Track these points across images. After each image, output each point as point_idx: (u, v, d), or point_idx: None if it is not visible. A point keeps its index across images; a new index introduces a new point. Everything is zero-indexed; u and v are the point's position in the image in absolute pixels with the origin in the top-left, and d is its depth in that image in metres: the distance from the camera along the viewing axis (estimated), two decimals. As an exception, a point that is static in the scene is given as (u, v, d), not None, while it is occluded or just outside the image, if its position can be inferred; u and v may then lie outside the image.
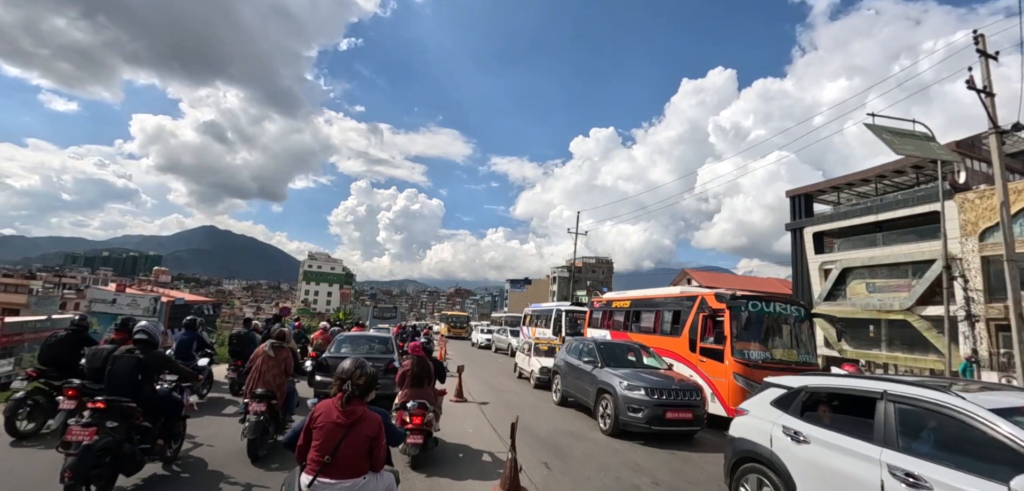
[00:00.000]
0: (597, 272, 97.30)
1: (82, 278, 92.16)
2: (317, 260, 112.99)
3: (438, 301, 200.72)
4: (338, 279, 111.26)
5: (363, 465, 3.10)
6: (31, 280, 61.42)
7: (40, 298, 54.57)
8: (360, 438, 3.07)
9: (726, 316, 9.90)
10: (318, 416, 3.14)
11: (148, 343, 4.95)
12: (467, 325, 44.26)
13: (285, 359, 6.47)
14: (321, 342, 12.49)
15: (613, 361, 9.70)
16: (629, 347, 10.72)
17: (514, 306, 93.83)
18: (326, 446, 3.02)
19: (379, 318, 42.26)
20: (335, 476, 3.00)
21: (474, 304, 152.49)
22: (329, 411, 3.13)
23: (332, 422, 3.06)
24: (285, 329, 7.65)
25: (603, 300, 17.04)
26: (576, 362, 10.61)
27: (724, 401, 9.41)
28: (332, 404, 3.16)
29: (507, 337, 27.66)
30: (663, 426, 8.05)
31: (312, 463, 3.04)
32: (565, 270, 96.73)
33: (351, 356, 4.55)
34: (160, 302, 16.82)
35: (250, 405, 5.85)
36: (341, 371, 3.20)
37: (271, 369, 6.21)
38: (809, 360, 10.19)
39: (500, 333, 29.86)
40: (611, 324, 15.47)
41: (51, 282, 72.99)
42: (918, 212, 26.58)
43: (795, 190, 36.59)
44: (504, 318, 40.69)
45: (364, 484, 3.08)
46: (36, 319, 11.27)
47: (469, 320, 48.38)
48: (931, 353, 24.29)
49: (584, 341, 11.49)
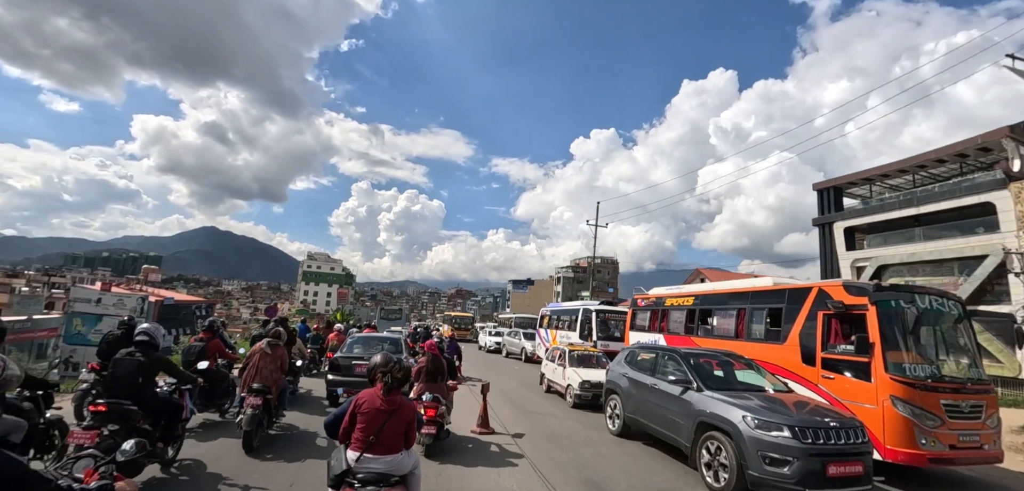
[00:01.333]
0: (602, 272, 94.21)
1: (72, 278, 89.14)
2: (316, 260, 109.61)
3: (439, 302, 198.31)
4: (338, 279, 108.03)
5: (400, 444, 3.60)
6: (14, 279, 58.77)
7: (24, 298, 52.65)
8: (400, 422, 3.60)
9: (871, 315, 6.93)
10: (363, 403, 3.61)
11: (149, 345, 4.94)
12: (472, 326, 41.15)
13: (281, 356, 6.79)
14: (337, 343, 12.50)
15: (712, 381, 6.75)
16: (715, 357, 7.69)
17: (516, 307, 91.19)
18: (371, 428, 3.51)
19: (386, 319, 41.96)
20: (379, 452, 3.50)
21: (475, 305, 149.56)
22: (373, 399, 3.62)
23: (376, 408, 3.57)
24: (293, 328, 8.51)
25: (651, 297, 13.83)
26: (647, 380, 7.74)
27: (876, 438, 6.45)
28: (375, 393, 3.66)
29: (519, 340, 24.76)
30: (824, 488, 5.11)
31: (357, 442, 3.52)
32: (569, 270, 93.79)
33: (368, 356, 6.30)
34: (148, 302, 15.94)
35: (247, 399, 6.16)
36: (378, 364, 3.72)
37: (268, 365, 6.51)
38: (982, 378, 7.23)
39: (512, 336, 26.64)
40: (665, 327, 12.44)
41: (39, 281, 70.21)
42: (965, 204, 24.31)
43: (823, 183, 33.90)
44: (514, 319, 37.70)
45: (401, 460, 3.58)
46: (16, 319, 10.90)
47: (474, 321, 45.53)
48: (984, 358, 21.60)
49: (660, 350, 8.52)
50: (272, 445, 6.49)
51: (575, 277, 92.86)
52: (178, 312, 21.31)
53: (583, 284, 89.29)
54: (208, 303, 27.69)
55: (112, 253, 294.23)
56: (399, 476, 3.55)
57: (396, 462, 3.53)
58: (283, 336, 7.22)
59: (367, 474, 3.45)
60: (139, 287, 25.66)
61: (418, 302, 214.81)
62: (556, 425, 9.06)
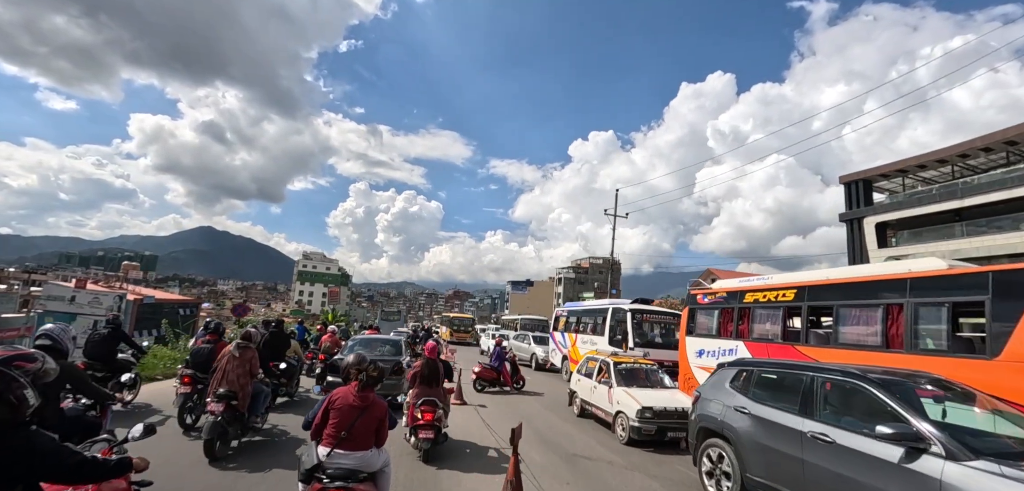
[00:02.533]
0: (604, 273, 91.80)
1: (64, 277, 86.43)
2: (312, 260, 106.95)
3: (437, 303, 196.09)
4: (334, 279, 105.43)
5: (370, 441, 3.74)
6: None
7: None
8: (372, 419, 3.75)
9: None
10: (337, 399, 3.77)
11: (53, 352, 3.86)
12: (472, 328, 38.41)
13: (251, 360, 6.46)
14: (329, 345, 12.34)
15: (969, 438, 3.71)
16: (912, 381, 4.58)
17: (516, 308, 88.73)
18: (343, 423, 3.65)
19: (385, 320, 42.41)
20: (349, 447, 3.62)
21: (473, 306, 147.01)
22: (346, 396, 3.80)
23: (349, 404, 3.73)
24: (291, 330, 10.32)
25: (720, 290, 10.33)
26: (799, 424, 4.67)
27: None
28: (349, 390, 3.84)
29: (529, 344, 22.25)
30: None
31: (328, 438, 3.65)
32: (570, 271, 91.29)
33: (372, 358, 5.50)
34: (125, 300, 15.14)
35: (209, 405, 5.91)
36: (354, 363, 4.19)
37: (235, 369, 6.20)
38: None
39: (519, 340, 23.99)
40: (746, 332, 9.32)
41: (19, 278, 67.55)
42: (1018, 195, 22.47)
43: (851, 175, 31.84)
44: (520, 321, 35.07)
45: (370, 457, 3.70)
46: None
47: (474, 322, 42.57)
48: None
49: (819, 371, 5.04)
50: (244, 454, 6.19)
51: (576, 278, 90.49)
52: (159, 311, 19.99)
53: (585, 285, 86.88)
54: (193, 302, 25.63)
55: (107, 252, 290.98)
56: (368, 473, 3.66)
57: (365, 458, 3.67)
58: (254, 338, 6.91)
59: (336, 469, 3.52)
60: (119, 285, 23.68)
61: (415, 303, 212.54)
62: (616, 482, 6.39)
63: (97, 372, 7.35)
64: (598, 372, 9.85)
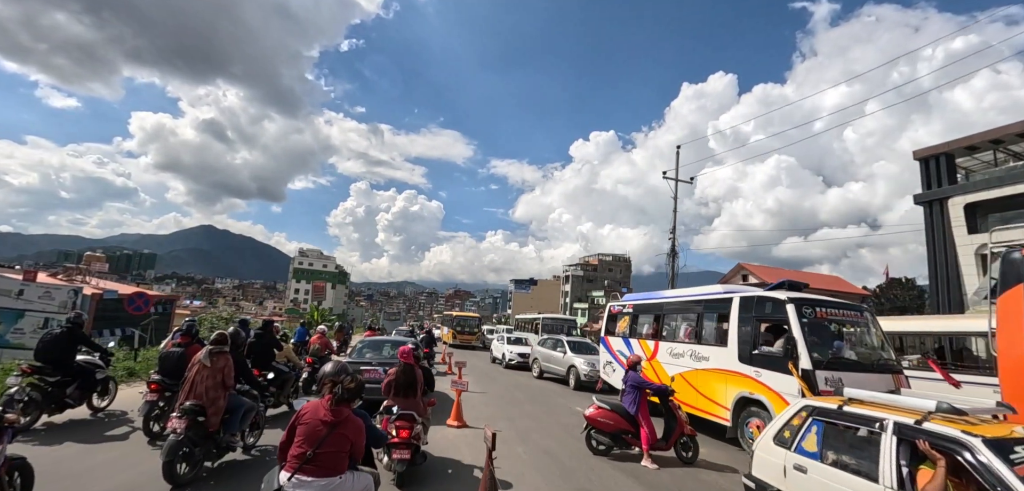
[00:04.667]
0: (614, 271, 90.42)
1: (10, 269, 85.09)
2: (308, 257, 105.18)
3: (437, 303, 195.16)
4: (330, 277, 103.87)
5: (342, 464, 3.26)
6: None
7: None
8: (343, 438, 3.27)
9: None
10: (305, 414, 3.27)
11: None
12: (478, 329, 33.06)
13: (223, 368, 5.49)
14: (318, 347, 11.55)
15: None
16: None
17: (519, 308, 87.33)
18: (309, 442, 3.18)
19: (388, 321, 39.85)
20: (313, 473, 3.13)
21: (474, 306, 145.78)
22: (316, 409, 3.29)
23: (318, 420, 3.24)
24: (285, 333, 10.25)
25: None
26: None
27: None
28: (320, 403, 3.32)
29: (566, 354, 16.05)
30: None
31: (293, 459, 3.21)
32: (579, 269, 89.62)
33: (378, 360, 6.19)
34: (81, 295, 14.07)
35: (171, 420, 5.08)
36: (329, 373, 3.53)
37: (205, 381, 5.28)
38: None
39: (549, 347, 17.57)
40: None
41: None
42: None
43: (928, 150, 26.14)
44: (541, 321, 29.47)
45: (341, 484, 3.21)
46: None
47: (480, 322, 36.34)
48: None
49: None
50: (218, 477, 5.41)
51: (585, 275, 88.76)
52: (120, 308, 17.62)
53: (594, 283, 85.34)
54: (167, 299, 23.82)
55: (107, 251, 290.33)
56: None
57: (334, 486, 3.20)
58: (228, 342, 5.92)
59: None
60: (82, 278, 21.70)
61: (416, 303, 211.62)
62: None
63: (48, 377, 6.69)
64: None
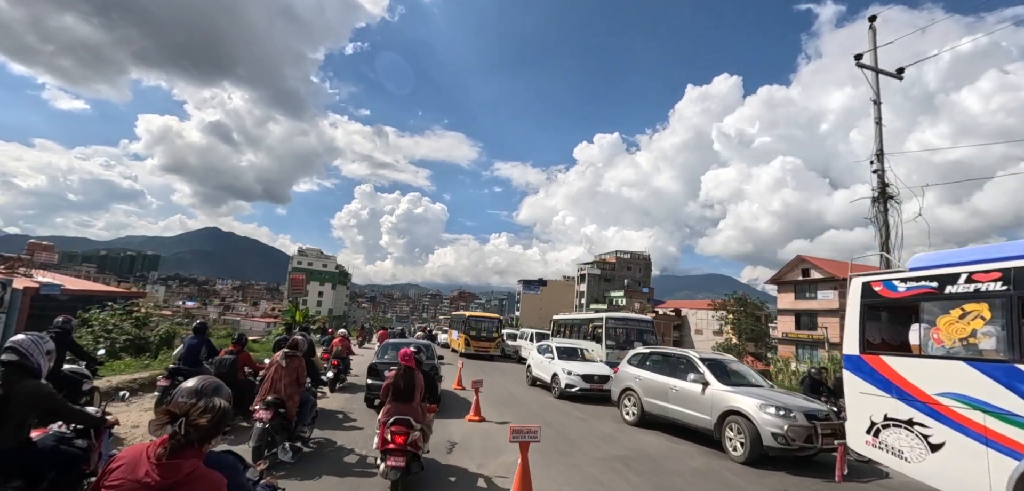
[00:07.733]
0: (633, 269, 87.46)
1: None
2: (308, 257, 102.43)
3: (441, 305, 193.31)
4: (331, 278, 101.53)
5: None
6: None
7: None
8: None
9: None
10: (116, 470, 1.65)
11: (19, 368, 3.08)
12: (498, 334, 26.17)
13: (298, 369, 6.33)
14: (341, 349, 12.36)
15: None
16: None
17: (527, 310, 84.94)
18: None
19: (399, 322, 37.70)
20: None
21: (478, 309, 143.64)
22: (135, 464, 1.64)
23: (136, 480, 1.60)
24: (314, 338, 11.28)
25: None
26: None
27: None
28: (142, 452, 1.66)
29: (714, 386, 8.31)
30: None
31: None
32: (596, 267, 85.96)
33: None
34: (9, 289, 11.38)
35: (257, 412, 5.83)
36: (173, 402, 1.69)
37: (282, 378, 6.14)
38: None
39: (687, 378, 8.94)
40: None
41: None
42: None
43: None
44: (606, 321, 18.95)
45: None
46: None
47: (500, 325, 28.47)
48: None
49: None
50: (294, 463, 5.91)
51: (602, 274, 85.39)
52: (69, 309, 13.08)
53: (612, 283, 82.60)
54: (135, 295, 20.45)
55: (111, 252, 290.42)
56: None
57: None
58: (301, 346, 6.67)
59: None
60: (24, 269, 17.45)
61: (419, 305, 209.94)
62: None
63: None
64: None
